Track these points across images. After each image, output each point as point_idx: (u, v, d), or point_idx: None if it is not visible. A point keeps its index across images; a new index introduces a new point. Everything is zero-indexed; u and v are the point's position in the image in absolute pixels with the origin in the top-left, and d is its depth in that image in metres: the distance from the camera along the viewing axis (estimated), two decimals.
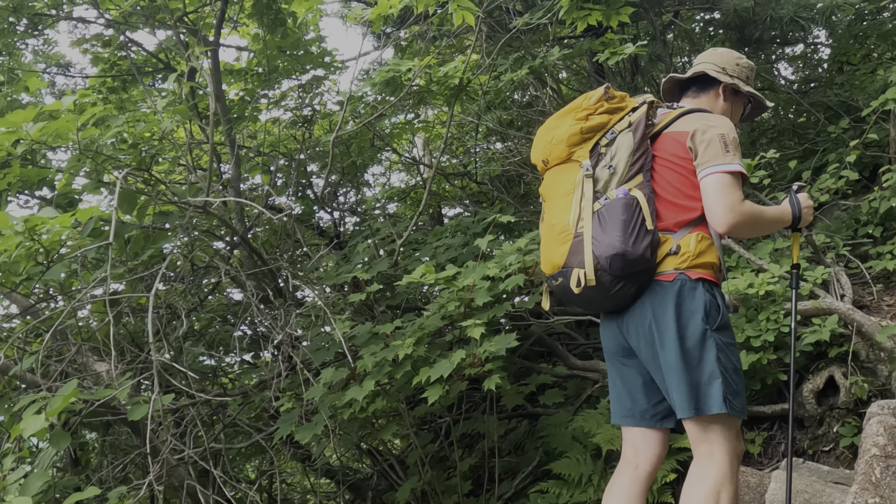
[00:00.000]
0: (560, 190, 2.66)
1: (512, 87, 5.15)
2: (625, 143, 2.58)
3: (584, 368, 5.38)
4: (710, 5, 6.07)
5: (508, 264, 4.13)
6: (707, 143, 2.56)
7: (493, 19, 5.68)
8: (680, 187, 2.61)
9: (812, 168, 6.19)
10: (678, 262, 2.55)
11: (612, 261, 2.44)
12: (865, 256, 5.27)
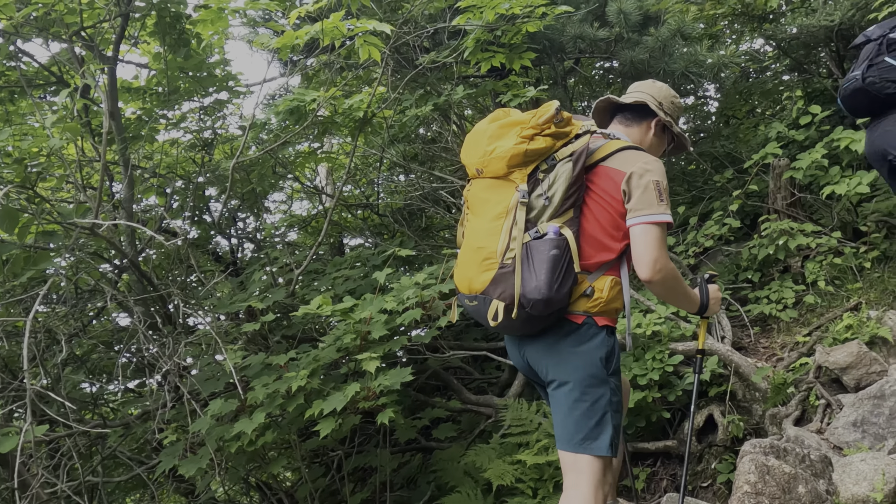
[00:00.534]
0: (490, 209, 2.62)
1: (416, 122, 5.20)
2: (564, 174, 2.54)
3: (477, 403, 5.43)
4: (608, 55, 6.33)
5: (406, 298, 4.15)
6: (643, 189, 2.56)
7: (401, 55, 5.75)
8: (606, 226, 2.62)
9: (699, 214, 6.52)
10: (588, 305, 2.60)
11: (535, 304, 2.47)
12: (745, 300, 5.56)
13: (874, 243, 5.40)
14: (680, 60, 5.96)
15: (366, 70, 6.23)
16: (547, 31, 5.52)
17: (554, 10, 4.84)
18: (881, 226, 5.64)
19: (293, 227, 7.03)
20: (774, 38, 6.89)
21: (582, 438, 2.58)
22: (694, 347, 4.65)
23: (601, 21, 5.97)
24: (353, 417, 4.16)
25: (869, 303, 4.83)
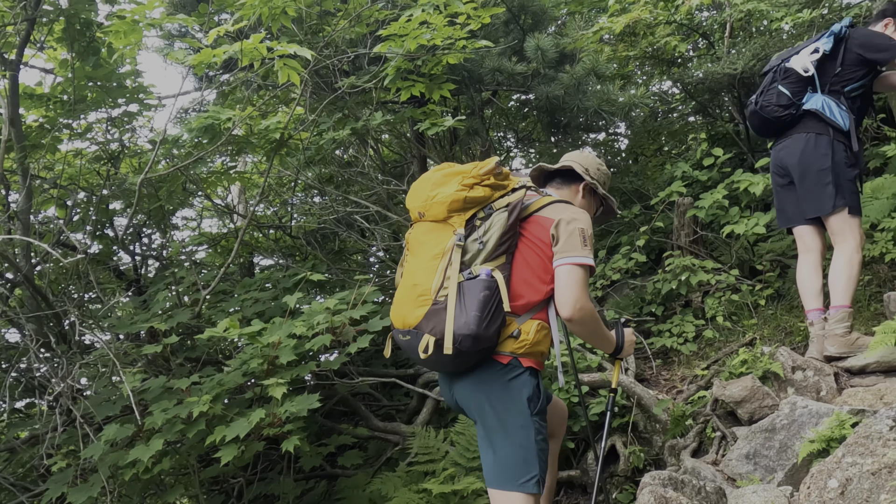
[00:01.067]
0: (428, 250, 2.79)
1: (333, 145, 5.18)
2: (499, 223, 2.74)
3: (385, 430, 5.38)
4: (525, 89, 6.48)
5: (316, 323, 4.09)
6: (569, 234, 2.76)
7: (321, 78, 5.73)
8: (535, 269, 2.79)
9: (607, 247, 6.71)
10: (515, 347, 2.73)
11: (464, 340, 2.59)
12: (648, 333, 5.74)
13: (768, 282, 5.68)
14: (593, 98, 6.16)
15: (284, 91, 6.18)
16: (467, 62, 5.61)
17: (474, 43, 4.92)
18: (775, 265, 5.94)
19: (202, 246, 6.85)
20: (682, 82, 7.21)
21: (511, 478, 2.70)
22: (600, 379, 4.77)
23: (519, 56, 6.12)
24: (256, 444, 4.06)
25: (763, 339, 5.06)
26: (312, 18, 4.96)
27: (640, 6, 6.32)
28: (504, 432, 2.73)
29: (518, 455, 2.71)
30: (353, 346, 4.07)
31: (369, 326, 4.28)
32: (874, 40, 4.15)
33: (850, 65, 4.15)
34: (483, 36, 5.70)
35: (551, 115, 6.66)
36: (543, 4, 6.41)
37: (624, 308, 6.01)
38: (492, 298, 2.64)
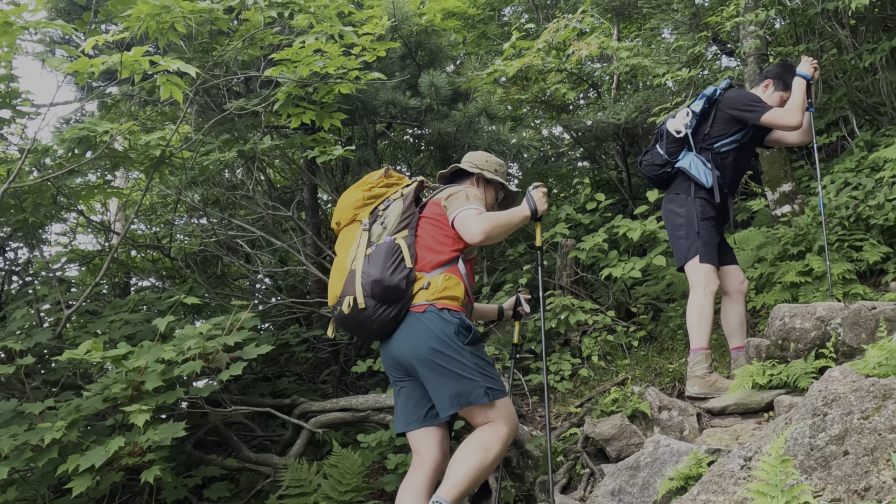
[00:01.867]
0: (347, 244, 3.39)
1: (219, 166, 5.06)
2: (396, 208, 3.37)
3: (257, 462, 5.22)
4: (419, 123, 6.55)
5: (188, 348, 3.95)
6: (455, 198, 3.36)
7: (210, 97, 5.61)
8: (436, 236, 3.34)
9: (492, 284, 6.81)
10: (428, 296, 3.21)
11: (373, 286, 3.11)
12: (527, 370, 5.83)
13: (642, 324, 5.90)
14: (484, 137, 6.29)
15: (171, 107, 6.00)
16: (361, 93, 5.63)
17: (367, 75, 4.94)
18: (649, 308, 6.19)
19: (73, 263, 6.50)
20: (571, 128, 7.48)
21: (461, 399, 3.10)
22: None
23: (414, 91, 6.18)
24: (113, 474, 3.85)
25: (634, 378, 5.24)
26: (204, 37, 4.86)
27: (533, 53, 6.54)
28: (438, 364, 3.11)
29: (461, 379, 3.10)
30: (225, 374, 3.94)
31: (244, 354, 4.17)
32: (741, 100, 4.48)
33: (721, 124, 4.49)
34: (379, 69, 5.74)
35: (444, 151, 6.74)
36: (440, 43, 6.52)
37: (505, 345, 6.10)
38: (392, 254, 3.17)
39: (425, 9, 6.42)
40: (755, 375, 4.25)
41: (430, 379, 3.16)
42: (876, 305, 4.17)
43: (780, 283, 5.30)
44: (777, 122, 4.40)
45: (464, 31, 8.36)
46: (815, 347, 4.18)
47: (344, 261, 3.33)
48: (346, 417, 5.13)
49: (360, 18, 5.74)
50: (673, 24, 8.59)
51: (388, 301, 3.14)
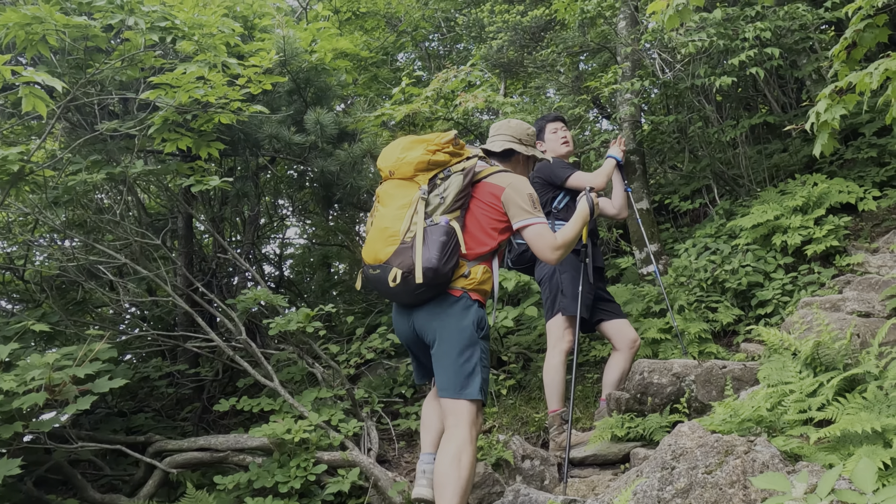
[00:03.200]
0: (397, 201, 3.30)
1: (85, 187, 4.81)
2: (455, 182, 3.30)
3: (102, 503, 4.89)
4: (302, 160, 6.49)
5: (31, 378, 3.68)
6: (518, 198, 3.35)
7: (83, 116, 5.35)
8: (485, 226, 3.36)
9: (366, 326, 6.76)
10: (465, 283, 3.28)
11: (426, 272, 3.12)
12: (396, 414, 5.79)
13: (512, 372, 5.99)
14: (368, 178, 6.29)
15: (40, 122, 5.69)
16: (243, 125, 5.52)
17: (251, 107, 4.86)
18: (520, 357, 6.30)
19: None
20: None
21: (459, 387, 3.20)
22: (340, 458, 4.69)
23: (299, 127, 6.13)
24: None
25: (501, 427, 5.29)
26: (79, 53, 4.65)
27: (421, 100, 6.63)
28: (457, 351, 3.22)
29: (465, 369, 3.21)
30: (71, 407, 3.70)
31: (95, 387, 3.93)
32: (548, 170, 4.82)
33: (543, 190, 4.77)
34: (265, 102, 5.67)
35: (327, 189, 6.70)
36: (330, 82, 6.52)
37: (376, 388, 6.05)
38: (450, 242, 3.19)
39: (317, 47, 6.42)
40: (614, 428, 4.39)
41: (442, 359, 3.27)
42: (726, 364, 4.41)
43: (642, 339, 5.52)
44: (582, 183, 4.70)
45: (355, 73, 8.39)
46: (670, 402, 4.37)
47: (396, 224, 3.24)
48: (204, 458, 4.91)
49: (248, 50, 5.67)
50: (557, 85, 8.97)
51: (434, 285, 3.19)
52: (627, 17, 7.26)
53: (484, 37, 8.30)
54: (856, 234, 6.01)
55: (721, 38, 6.13)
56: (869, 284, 4.95)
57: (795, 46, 6.60)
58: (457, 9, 10.44)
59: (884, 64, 2.78)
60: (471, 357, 3.25)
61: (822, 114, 2.98)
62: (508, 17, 7.74)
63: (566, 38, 7.37)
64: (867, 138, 6.62)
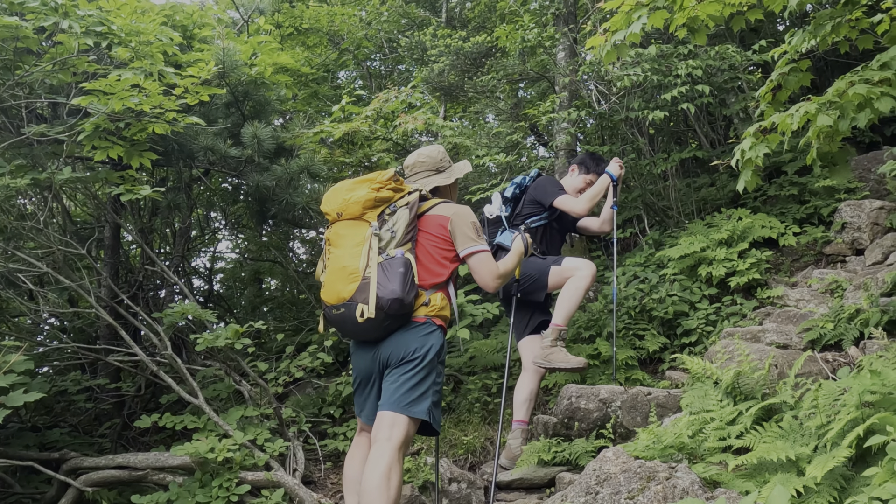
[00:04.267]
0: (350, 240, 3.41)
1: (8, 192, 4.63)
2: (403, 216, 3.44)
3: None
4: (238, 173, 6.40)
5: None
6: (463, 228, 3.54)
7: (9, 118, 5.17)
8: (436, 256, 3.53)
9: (297, 344, 6.68)
10: (427, 311, 3.44)
11: (392, 303, 3.25)
12: (324, 434, 5.72)
13: (443, 394, 5.98)
14: (304, 195, 6.24)
15: None
16: (178, 135, 5.42)
17: (186, 118, 4.78)
18: (450, 380, 6.31)
19: None
20: None
21: (407, 403, 3.26)
22: (264, 478, 4.60)
23: (236, 140, 6.05)
24: None
25: (429, 449, 5.27)
26: (8, 53, 4.51)
27: (361, 119, 6.64)
28: (413, 370, 3.31)
29: (418, 388, 3.29)
30: None
31: (8, 400, 3.77)
32: (544, 186, 5.07)
33: (528, 205, 5.07)
34: (201, 113, 5.58)
35: (261, 204, 6.61)
36: (269, 96, 6.46)
37: (303, 407, 5.96)
38: (408, 273, 3.33)
39: (257, 60, 6.36)
40: (541, 452, 4.44)
41: (395, 376, 3.33)
42: (651, 391, 4.51)
43: None
44: (565, 206, 4.98)
45: (295, 88, 8.34)
46: (597, 427, 4.44)
47: (354, 263, 3.35)
48: (122, 476, 4.74)
49: (187, 60, 5.58)
50: (496, 110, 9.10)
51: (399, 316, 3.32)
52: (566, 49, 7.44)
53: (426, 59, 8.38)
54: (776, 268, 6.25)
55: (655, 74, 6.34)
56: (787, 317, 5.14)
57: (725, 85, 6.86)
58: (400, 30, 10.52)
59: (804, 107, 2.92)
60: (425, 378, 3.35)
61: (747, 151, 3.10)
62: (451, 42, 7.83)
63: (506, 66, 7.49)
64: (789, 176, 6.90)
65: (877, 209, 6.00)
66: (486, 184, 7.19)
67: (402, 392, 3.29)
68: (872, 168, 6.72)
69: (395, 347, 3.38)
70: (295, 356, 6.12)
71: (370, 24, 10.20)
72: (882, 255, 5.58)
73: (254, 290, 10.30)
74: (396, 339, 3.39)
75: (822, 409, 2.94)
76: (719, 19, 3.49)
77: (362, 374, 3.54)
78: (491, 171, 8.25)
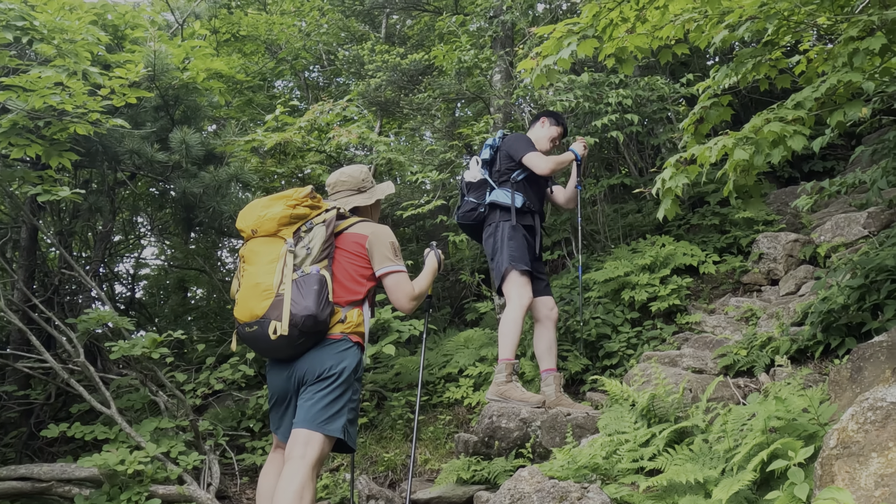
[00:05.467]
0: (264, 257, 3.36)
1: None
2: (319, 233, 3.41)
3: None
4: (165, 179, 6.26)
5: None
6: (381, 247, 3.55)
7: None
8: (353, 275, 3.50)
9: (218, 355, 6.53)
10: (344, 328, 3.41)
11: (306, 319, 3.21)
12: (242, 448, 5.60)
13: (366, 411, 5.94)
14: (232, 203, 6.14)
15: None
16: (102, 137, 5.28)
17: (111, 120, 4.66)
18: (374, 395, 6.27)
19: None
20: None
21: (322, 421, 3.22)
22: (176, 492, 4.48)
23: (164, 145, 5.92)
24: None
25: (347, 466, 5.22)
26: None
27: (294, 129, 6.58)
28: (329, 387, 3.27)
29: (334, 406, 3.26)
30: None
31: None
32: (514, 142, 5.23)
33: (505, 160, 5.20)
34: (129, 115, 5.45)
35: (188, 211, 6.48)
36: (200, 102, 6.35)
37: (222, 420, 5.84)
38: (323, 290, 3.30)
39: (190, 65, 6.25)
40: (460, 470, 4.44)
41: (311, 393, 3.28)
42: (571, 412, 4.56)
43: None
44: (531, 163, 5.08)
45: (228, 95, 8.21)
46: (516, 446, 4.46)
47: (268, 280, 3.30)
48: (24, 488, 4.54)
49: (115, 60, 5.44)
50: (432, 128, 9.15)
51: (313, 333, 3.27)
52: (502, 72, 7.54)
53: (363, 74, 8.37)
54: (696, 295, 6.43)
55: (587, 101, 6.48)
56: (704, 343, 5.29)
57: (654, 115, 7.06)
58: (339, 43, 10.49)
59: (722, 141, 3.02)
60: (341, 396, 3.31)
61: (668, 181, 3.19)
62: (388, 58, 7.85)
63: (443, 85, 7.55)
64: (712, 207, 7.13)
65: (792, 241, 6.24)
66: (418, 200, 7.21)
67: (317, 409, 3.25)
68: (790, 202, 7.01)
69: (311, 365, 3.33)
70: (216, 367, 5.99)
71: (309, 35, 10.15)
72: (795, 285, 5.81)
73: (178, 298, 10.06)
74: (312, 357, 3.34)
75: (731, 434, 3.03)
76: (646, 51, 3.59)
77: (278, 392, 3.47)
78: (425, 187, 8.28)
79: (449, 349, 6.48)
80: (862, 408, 2.24)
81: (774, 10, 3.24)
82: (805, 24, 3.45)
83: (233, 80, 8.28)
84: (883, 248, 4.42)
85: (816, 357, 4.19)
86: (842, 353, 3.95)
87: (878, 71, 3.34)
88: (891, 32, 2.83)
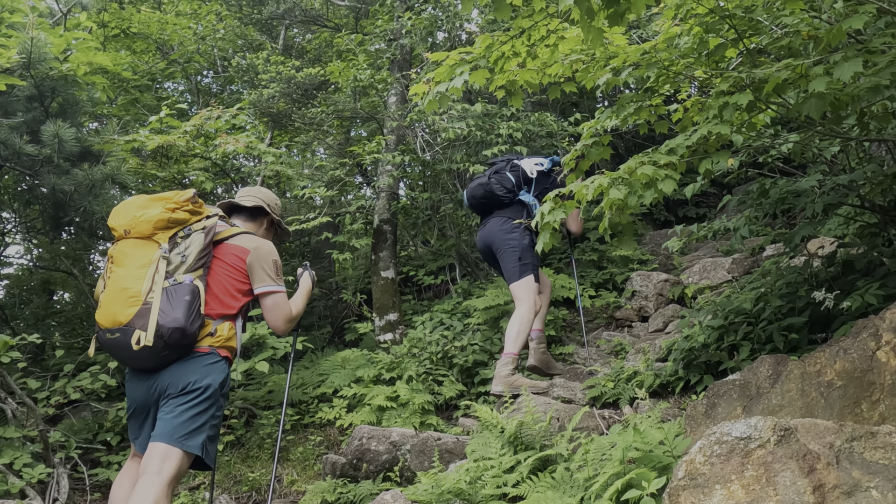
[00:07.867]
0: (135, 261, 3.19)
1: None
2: (197, 241, 3.28)
3: None
4: (32, 173, 5.89)
5: None
6: (262, 264, 3.44)
7: None
8: (228, 288, 3.37)
9: (77, 363, 6.17)
10: (213, 341, 3.26)
11: (173, 332, 3.06)
12: (97, 462, 5.30)
13: (234, 428, 5.75)
14: (106, 204, 5.85)
15: None
16: None
17: None
18: (244, 413, 6.08)
19: None
20: None
21: (182, 436, 3.06)
22: None
23: (35, 137, 5.58)
24: None
25: (209, 484, 5.02)
26: None
27: (179, 133, 6.37)
28: (191, 402, 3.12)
29: (195, 421, 3.11)
30: None
31: None
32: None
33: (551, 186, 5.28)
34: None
35: (58, 209, 6.12)
36: (79, 96, 6.05)
37: (76, 432, 5.50)
38: (194, 301, 3.15)
39: (71, 57, 5.94)
40: (325, 493, 4.37)
41: (172, 407, 3.13)
42: (441, 437, 4.58)
43: (369, 405, 5.58)
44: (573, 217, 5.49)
45: (112, 92, 7.86)
46: (385, 470, 4.43)
47: (136, 285, 3.13)
48: None
49: None
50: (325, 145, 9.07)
51: (180, 346, 3.12)
52: (398, 94, 7.58)
53: (256, 83, 8.21)
54: (571, 327, 6.62)
55: (479, 130, 6.60)
56: (575, 374, 5.44)
57: (542, 150, 7.26)
58: (235, 50, 10.27)
59: (598, 179, 3.13)
60: (204, 412, 3.17)
61: (546, 214, 3.27)
62: (283, 70, 7.74)
63: (338, 101, 7.51)
64: (591, 243, 7.39)
65: (662, 281, 6.54)
66: (305, 215, 7.09)
67: (177, 423, 3.10)
68: (663, 244, 7.36)
69: (175, 378, 3.16)
70: (74, 376, 5.66)
71: (204, 38, 9.88)
72: (663, 323, 6.08)
73: (42, 300, 9.45)
74: (176, 369, 3.18)
75: (591, 463, 3.11)
76: (536, 87, 3.69)
77: (137, 402, 3.29)
78: (314, 203, 8.17)
79: (325, 368, 6.38)
80: (709, 441, 2.34)
81: (655, 59, 3.41)
82: (683, 75, 3.63)
83: (119, 77, 7.92)
84: (742, 292, 4.69)
85: (677, 392, 4.37)
86: (700, 390, 4.14)
87: (745, 125, 3.55)
88: (758, 90, 3.02)
